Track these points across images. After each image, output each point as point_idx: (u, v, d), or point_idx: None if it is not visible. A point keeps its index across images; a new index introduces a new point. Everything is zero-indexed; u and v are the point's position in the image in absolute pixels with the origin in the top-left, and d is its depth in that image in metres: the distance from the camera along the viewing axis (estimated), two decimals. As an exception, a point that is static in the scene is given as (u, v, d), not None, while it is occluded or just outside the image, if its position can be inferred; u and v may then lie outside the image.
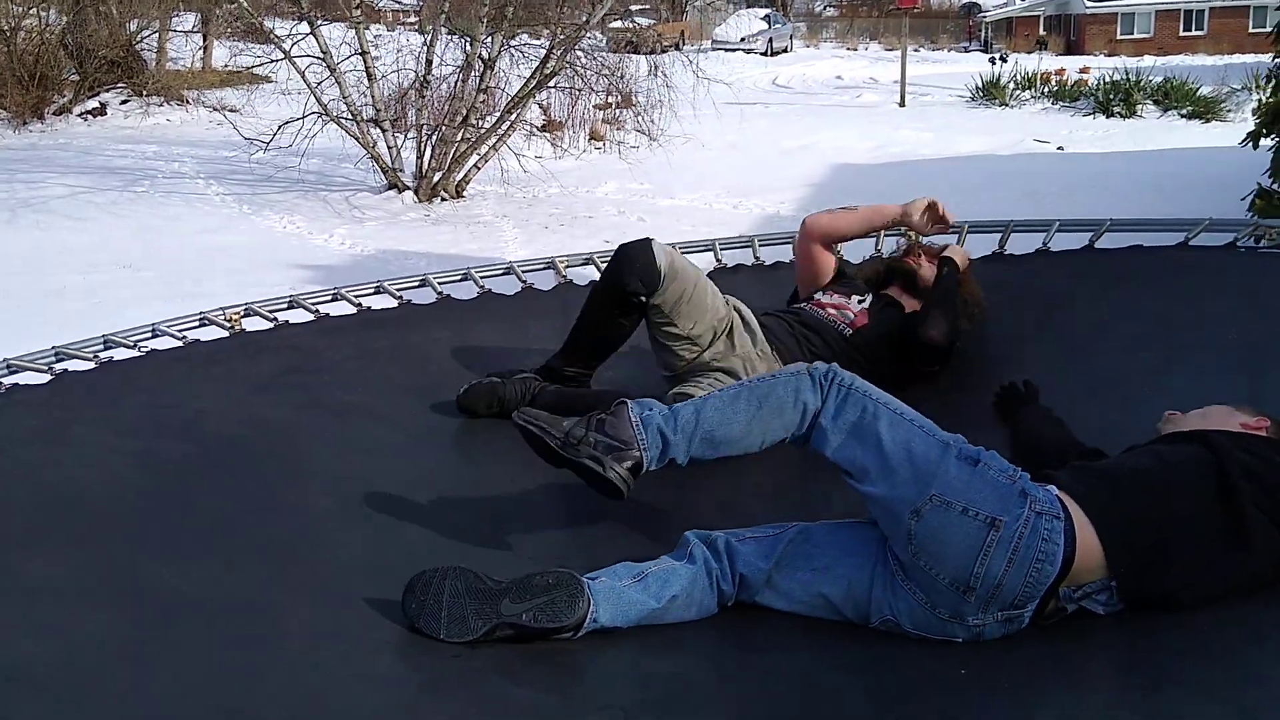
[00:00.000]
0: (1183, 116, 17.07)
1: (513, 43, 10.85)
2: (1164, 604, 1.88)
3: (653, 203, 10.95)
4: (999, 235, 3.66)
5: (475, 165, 11.11)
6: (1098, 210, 4.22)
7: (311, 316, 3.44)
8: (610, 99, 11.65)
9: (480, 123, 10.79)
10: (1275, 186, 6.69)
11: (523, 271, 3.75)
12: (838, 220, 3.28)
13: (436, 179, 10.81)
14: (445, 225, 9.86)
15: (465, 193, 11.01)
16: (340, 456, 2.67)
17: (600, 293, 2.93)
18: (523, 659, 1.87)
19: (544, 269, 3.80)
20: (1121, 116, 17.54)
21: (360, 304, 3.52)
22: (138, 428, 2.70)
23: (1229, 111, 16.69)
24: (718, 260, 3.86)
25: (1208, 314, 2.97)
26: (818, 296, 3.21)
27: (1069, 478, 1.99)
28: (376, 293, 3.63)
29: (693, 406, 2.11)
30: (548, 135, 11.92)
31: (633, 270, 2.80)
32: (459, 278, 3.74)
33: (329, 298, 3.57)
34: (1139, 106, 17.67)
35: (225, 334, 3.32)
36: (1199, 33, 33.05)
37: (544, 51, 10.64)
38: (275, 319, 3.40)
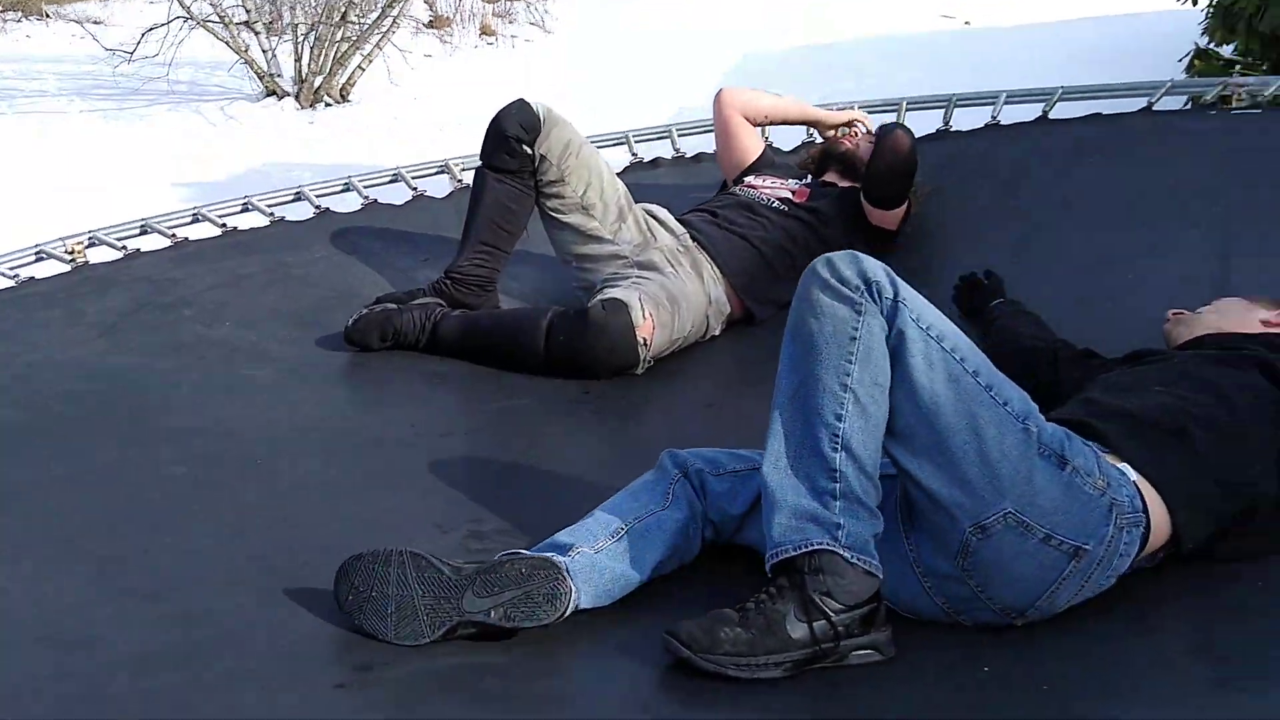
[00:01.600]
0: None
1: (391, -70, 10.11)
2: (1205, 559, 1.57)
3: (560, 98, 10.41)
4: (942, 111, 3.30)
5: (359, 67, 10.43)
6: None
7: (168, 242, 2.96)
8: (499, -11, 11.02)
9: (361, 20, 10.11)
10: (1213, 46, 6.41)
11: (413, 178, 3.30)
12: (759, 97, 3.11)
13: (318, 83, 10.12)
14: (330, 133, 9.24)
15: (351, 97, 10.34)
16: (206, 407, 2.24)
17: (484, 159, 2.64)
18: (493, 650, 1.49)
19: (437, 173, 3.35)
20: None
21: (225, 225, 3.05)
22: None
23: None
24: (633, 154, 3.45)
25: (1183, 185, 2.67)
26: (747, 179, 2.97)
27: (1134, 444, 1.54)
28: (244, 211, 3.16)
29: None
30: (435, 31, 11.27)
31: (509, 117, 2.58)
32: (340, 188, 3.28)
33: (188, 219, 3.09)
34: None
35: (66, 268, 2.83)
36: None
37: (425, -62, 9.94)
38: (124, 248, 2.92)
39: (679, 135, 3.49)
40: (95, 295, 2.68)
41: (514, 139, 2.56)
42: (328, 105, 10.06)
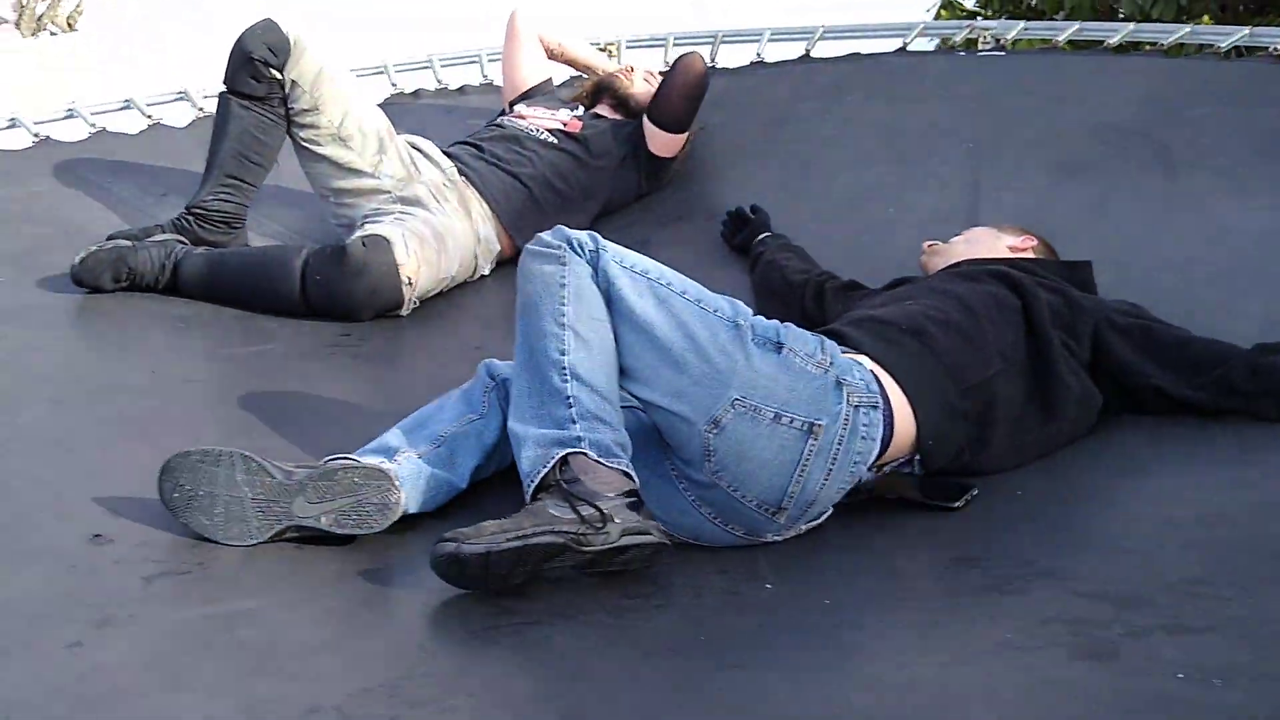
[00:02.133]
0: None
1: None
2: (963, 472, 1.63)
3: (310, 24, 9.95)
4: (709, 47, 3.29)
5: (88, -7, 9.58)
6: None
7: None
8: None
9: (88, -59, 9.28)
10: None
11: (147, 106, 3.02)
12: (556, 27, 3.05)
13: (41, 10, 9.24)
14: (56, 63, 8.47)
15: (78, 26, 9.50)
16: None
17: (228, 84, 2.40)
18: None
19: (175, 100, 3.07)
20: None
21: (-73, 156, 2.70)
22: None
23: None
24: (393, 85, 3.28)
25: (939, 123, 2.75)
26: (518, 107, 2.84)
27: (870, 339, 1.63)
28: (-52, 141, 2.81)
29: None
30: (173, -43, 10.47)
31: (254, 37, 2.36)
32: (63, 115, 2.96)
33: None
34: None
35: None
36: None
37: None
38: None
39: (441, 66, 3.34)
40: None
41: (260, 61, 2.34)
42: (52, 35, 9.23)
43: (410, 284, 2.29)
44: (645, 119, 2.73)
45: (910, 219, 2.41)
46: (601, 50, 3.31)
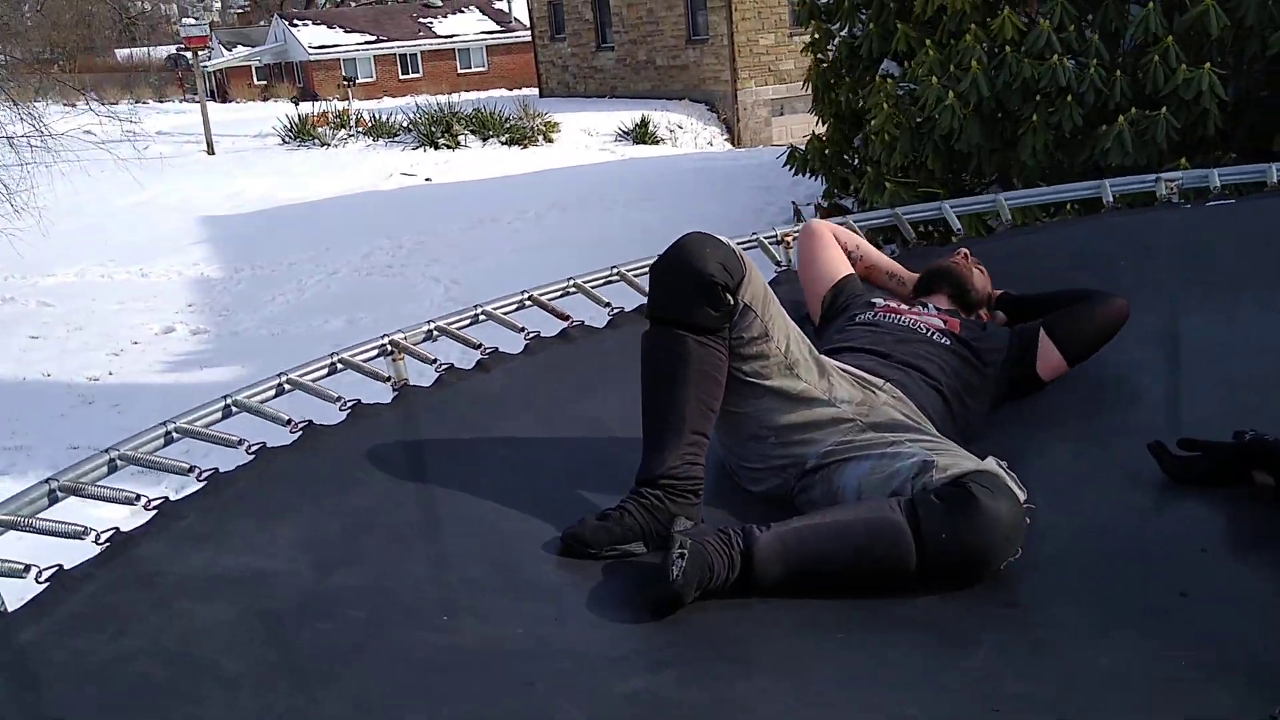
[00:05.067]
0: (504, 144, 18.60)
1: None
2: None
3: (30, 284, 10.27)
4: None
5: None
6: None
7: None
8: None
9: None
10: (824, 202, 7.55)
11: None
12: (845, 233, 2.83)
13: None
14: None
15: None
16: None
17: (676, 314, 1.95)
18: None
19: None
20: (449, 147, 18.41)
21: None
22: None
23: (539, 136, 18.69)
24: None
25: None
26: (879, 302, 2.54)
27: None
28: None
29: None
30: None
31: (703, 256, 1.92)
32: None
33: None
34: (461, 136, 18.71)
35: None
36: (416, 75, 35.37)
37: None
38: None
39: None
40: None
41: (721, 285, 1.91)
42: None
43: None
44: (1044, 335, 2.45)
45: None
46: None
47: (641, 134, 19.29)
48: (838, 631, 1.68)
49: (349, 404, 2.26)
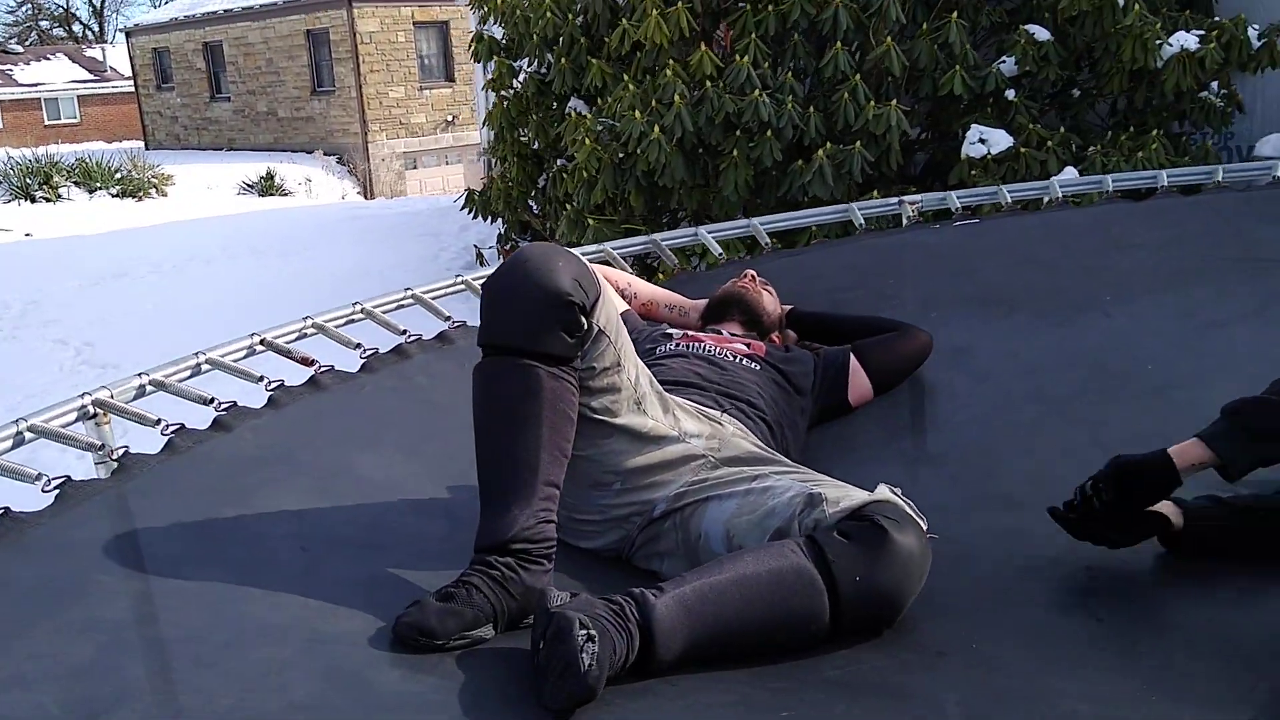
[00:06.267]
0: (114, 196, 17.26)
1: None
2: None
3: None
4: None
5: None
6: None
7: None
8: None
9: None
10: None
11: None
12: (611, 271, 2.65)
13: None
14: None
15: None
16: None
17: (519, 342, 1.59)
18: None
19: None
20: (49, 200, 16.86)
21: None
22: None
23: (152, 189, 17.55)
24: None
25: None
26: (676, 332, 2.35)
27: None
28: None
29: None
30: None
31: (560, 270, 1.59)
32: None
33: None
34: (63, 189, 17.17)
35: None
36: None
37: None
38: None
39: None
40: None
41: (579, 305, 1.58)
42: None
43: None
44: (855, 363, 2.38)
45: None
46: None
47: (268, 186, 18.37)
48: (781, 711, 1.35)
49: (54, 482, 1.70)
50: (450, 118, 20.97)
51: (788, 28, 5.21)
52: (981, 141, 5.29)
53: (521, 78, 6.35)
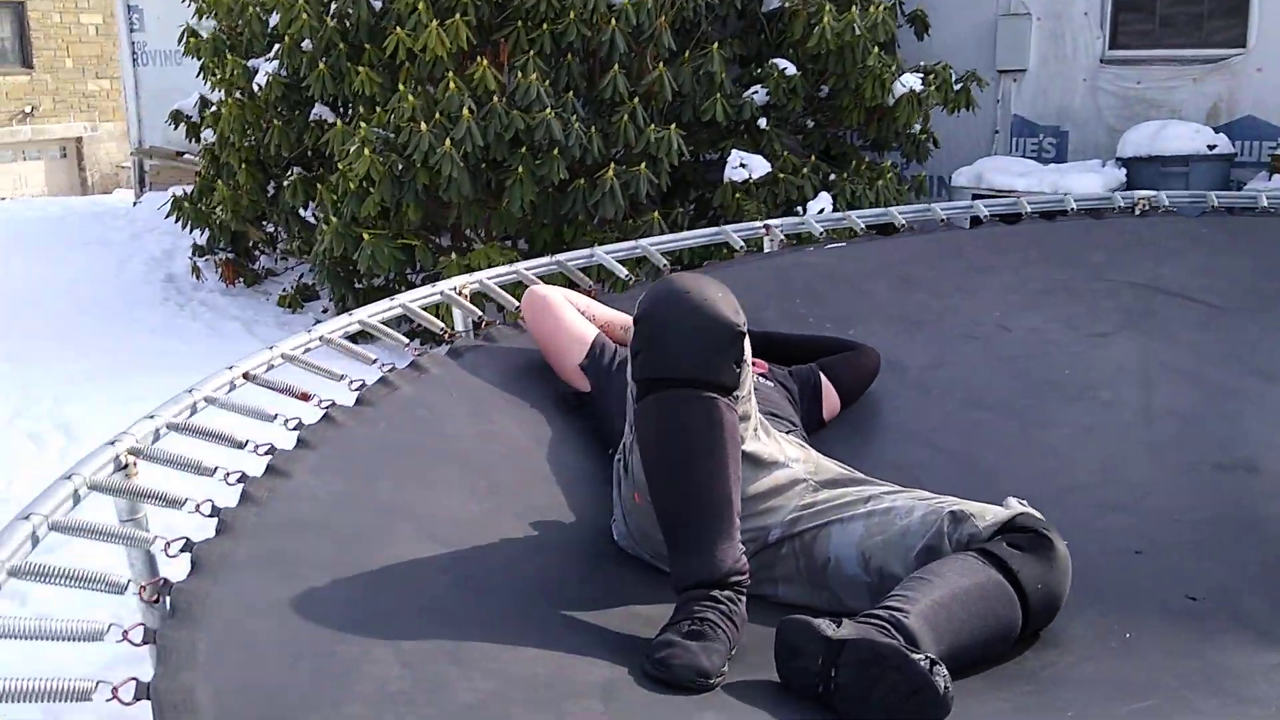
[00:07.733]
0: None
1: None
2: None
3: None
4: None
5: None
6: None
7: None
8: None
9: None
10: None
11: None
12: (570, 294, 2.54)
13: None
14: None
15: None
16: None
17: (697, 376, 1.62)
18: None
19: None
20: None
21: None
22: None
23: None
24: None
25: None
26: None
27: None
28: None
29: None
30: None
31: (721, 301, 1.66)
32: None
33: None
34: None
35: None
36: None
37: None
38: None
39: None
40: None
41: (744, 335, 1.66)
42: None
43: None
44: (826, 382, 2.55)
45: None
46: None
47: None
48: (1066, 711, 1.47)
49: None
50: (29, 108, 18.65)
51: (561, 48, 5.29)
52: (743, 166, 5.63)
53: (263, 79, 5.95)
